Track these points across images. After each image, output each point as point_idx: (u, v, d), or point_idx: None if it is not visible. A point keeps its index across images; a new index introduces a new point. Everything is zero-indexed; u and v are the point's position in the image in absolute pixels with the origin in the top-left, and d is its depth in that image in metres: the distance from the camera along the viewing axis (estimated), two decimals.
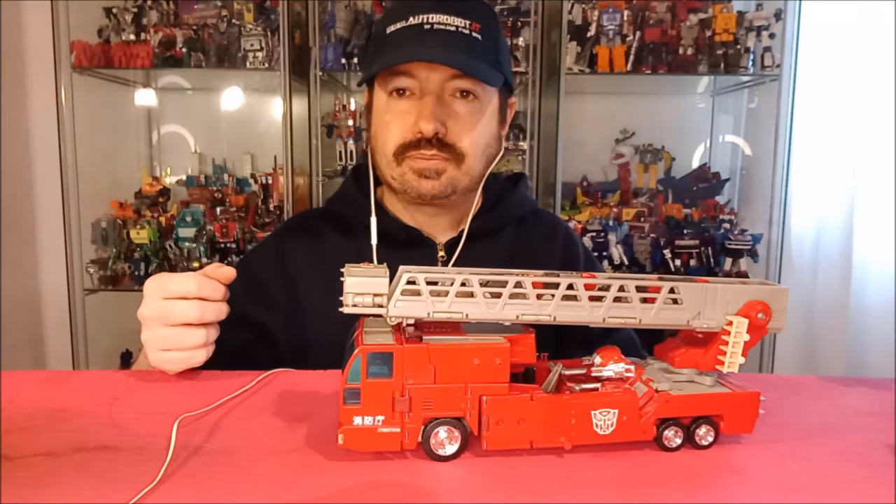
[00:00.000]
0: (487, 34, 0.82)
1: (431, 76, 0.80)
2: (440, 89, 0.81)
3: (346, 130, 2.07)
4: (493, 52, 0.83)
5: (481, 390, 0.48)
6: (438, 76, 0.80)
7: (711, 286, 0.52)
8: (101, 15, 1.98)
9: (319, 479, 0.46)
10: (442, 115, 0.80)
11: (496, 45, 0.84)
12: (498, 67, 0.83)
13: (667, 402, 0.50)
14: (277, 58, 1.93)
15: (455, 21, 0.80)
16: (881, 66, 1.86)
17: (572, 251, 0.97)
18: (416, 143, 0.81)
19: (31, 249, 2.15)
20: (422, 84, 0.81)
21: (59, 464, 0.48)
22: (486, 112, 0.84)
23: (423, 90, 0.81)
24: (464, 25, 0.80)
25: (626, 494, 0.45)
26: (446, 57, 0.78)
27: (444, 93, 0.81)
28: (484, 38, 0.81)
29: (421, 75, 0.80)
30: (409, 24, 0.80)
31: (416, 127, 0.80)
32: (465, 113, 0.82)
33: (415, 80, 0.81)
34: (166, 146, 2.33)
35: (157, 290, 0.65)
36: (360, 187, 0.91)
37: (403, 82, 0.81)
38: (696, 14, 1.93)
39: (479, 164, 0.85)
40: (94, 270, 2.02)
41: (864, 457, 0.51)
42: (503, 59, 0.85)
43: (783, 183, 1.93)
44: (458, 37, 0.80)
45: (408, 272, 0.49)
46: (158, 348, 0.65)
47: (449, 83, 0.81)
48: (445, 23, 0.80)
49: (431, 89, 0.81)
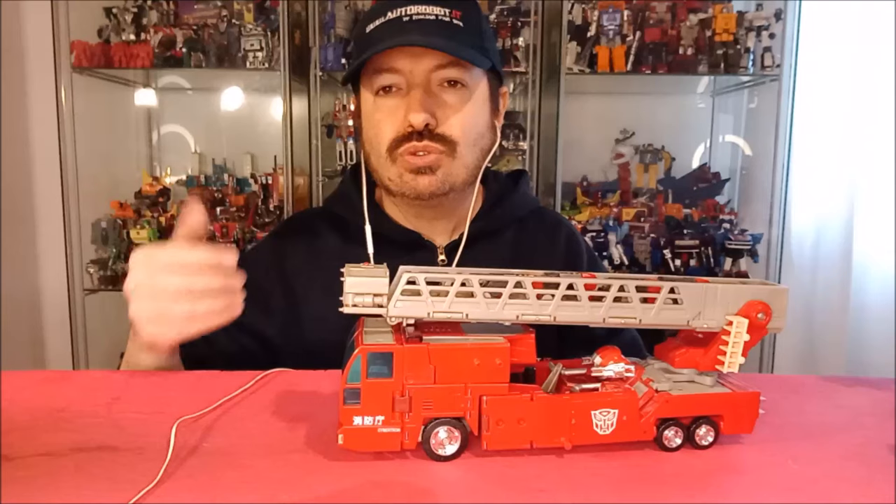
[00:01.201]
0: (469, 21, 0.80)
1: (416, 68, 0.79)
2: (426, 81, 0.79)
3: (346, 130, 2.07)
4: (476, 39, 0.81)
5: (481, 390, 0.48)
6: (423, 67, 0.79)
7: (711, 286, 0.52)
8: (101, 15, 1.98)
9: (319, 479, 0.46)
10: (431, 105, 0.79)
11: (479, 31, 0.82)
12: (483, 53, 0.81)
13: (667, 402, 0.50)
14: (277, 58, 1.93)
15: (434, 10, 0.79)
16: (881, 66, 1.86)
17: (575, 251, 0.96)
18: (408, 136, 0.79)
19: (31, 249, 2.15)
20: (407, 78, 0.79)
21: (59, 464, 0.48)
22: (475, 100, 0.82)
23: (409, 84, 0.80)
24: (443, 14, 0.79)
25: (626, 494, 0.45)
26: (428, 41, 0.77)
27: (431, 84, 0.80)
28: (466, 25, 0.80)
29: (405, 68, 0.79)
30: (388, 18, 0.79)
31: (406, 121, 0.79)
32: (454, 101, 0.80)
33: (399, 74, 0.79)
34: (166, 146, 2.33)
35: (142, 260, 0.61)
36: (359, 189, 0.89)
37: (388, 79, 0.80)
38: (696, 14, 1.93)
39: (473, 154, 0.83)
40: (94, 270, 2.02)
41: (864, 457, 0.51)
42: (489, 45, 0.84)
43: (783, 183, 1.93)
44: (439, 24, 0.79)
45: (408, 272, 0.49)
46: (147, 316, 0.61)
47: (435, 74, 0.79)
48: (425, 13, 0.78)
49: (417, 82, 0.79)
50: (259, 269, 0.89)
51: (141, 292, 0.62)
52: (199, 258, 0.61)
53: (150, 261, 0.61)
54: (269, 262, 0.90)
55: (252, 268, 0.90)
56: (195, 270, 0.61)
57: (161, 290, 0.61)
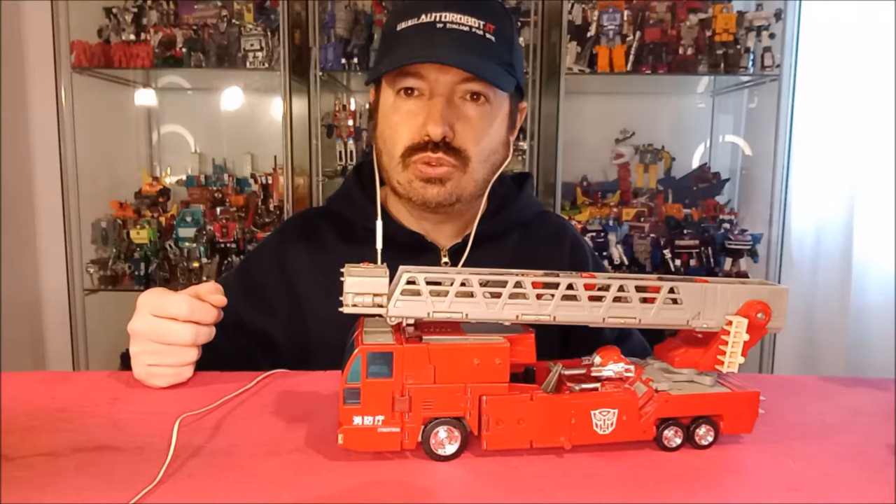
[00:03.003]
0: (501, 36, 0.79)
1: (441, 78, 0.78)
2: (450, 91, 0.78)
3: (346, 130, 2.07)
4: (506, 55, 0.80)
5: (481, 390, 0.48)
6: (449, 78, 0.78)
7: (711, 286, 0.52)
8: (101, 15, 1.98)
9: (319, 479, 0.46)
10: (451, 117, 0.78)
11: (510, 47, 0.81)
12: (511, 71, 0.80)
13: (667, 402, 0.50)
14: (277, 58, 1.93)
15: (469, 21, 0.77)
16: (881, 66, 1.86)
17: (580, 256, 0.95)
18: (423, 145, 0.78)
19: (31, 249, 2.15)
20: (431, 85, 0.78)
21: (59, 464, 0.48)
22: (496, 116, 0.82)
23: (432, 91, 0.79)
24: (477, 26, 0.78)
25: (626, 494, 0.45)
26: (459, 59, 0.76)
27: (455, 95, 0.79)
28: (497, 40, 0.79)
29: (430, 76, 0.78)
30: (421, 21, 0.78)
31: (424, 129, 0.78)
32: (474, 117, 0.80)
33: (424, 80, 0.78)
34: (166, 146, 2.33)
35: (150, 307, 0.65)
36: (363, 189, 0.89)
37: (412, 83, 0.79)
38: (696, 14, 1.93)
39: (484, 169, 0.83)
40: (94, 270, 2.02)
41: (864, 457, 0.51)
42: (516, 63, 0.82)
43: (783, 183, 1.93)
44: (471, 37, 0.77)
45: (407, 272, 0.49)
46: (147, 363, 0.65)
47: (459, 85, 0.78)
48: (459, 22, 0.77)
49: (441, 91, 0.78)
50: (262, 270, 0.89)
51: (143, 336, 0.65)
52: (202, 312, 0.66)
53: (156, 307, 0.65)
54: (271, 263, 0.90)
55: (255, 269, 0.91)
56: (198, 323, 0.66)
57: (165, 337, 0.65)
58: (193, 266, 2.01)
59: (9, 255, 1.99)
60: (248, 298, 0.86)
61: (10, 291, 1.98)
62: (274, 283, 0.88)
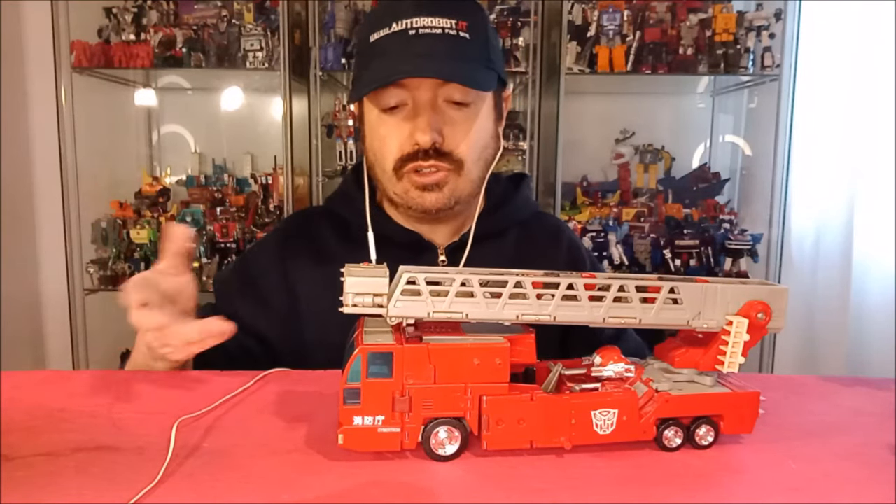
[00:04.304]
0: (475, 31, 0.79)
1: (423, 85, 0.78)
2: (433, 97, 0.78)
3: (346, 130, 2.07)
4: (484, 51, 0.80)
5: (481, 390, 0.48)
6: (430, 83, 0.78)
7: (711, 286, 0.52)
8: (101, 15, 1.98)
9: (319, 479, 0.46)
10: (438, 123, 0.78)
11: (486, 42, 0.81)
12: (490, 66, 0.80)
13: (667, 402, 0.50)
14: (277, 58, 1.93)
15: (440, 22, 0.76)
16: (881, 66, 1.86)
17: (576, 256, 0.96)
18: (414, 154, 0.79)
19: (31, 249, 2.15)
20: (413, 94, 0.78)
21: (59, 464, 0.48)
22: (481, 114, 0.82)
23: (415, 100, 0.78)
24: (450, 26, 0.77)
25: (626, 494, 0.45)
26: (437, 69, 0.76)
27: (438, 99, 0.79)
28: (472, 37, 0.78)
29: (411, 86, 0.78)
30: (393, 30, 0.77)
31: (413, 139, 0.78)
32: (460, 119, 0.80)
33: (405, 90, 0.78)
34: (166, 146, 2.33)
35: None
36: (361, 189, 0.89)
37: (394, 96, 0.78)
38: (696, 14, 1.93)
39: (478, 167, 0.83)
40: (94, 270, 2.02)
41: (864, 457, 0.51)
42: (494, 57, 0.82)
43: (783, 183, 1.93)
44: (446, 40, 0.77)
45: (408, 272, 0.49)
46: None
47: (441, 90, 0.78)
48: (431, 26, 0.76)
49: (424, 99, 0.78)
50: (260, 268, 0.89)
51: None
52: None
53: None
54: (271, 262, 0.90)
55: (253, 266, 0.91)
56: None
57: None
58: (193, 266, 2.01)
59: (9, 254, 1.99)
60: (247, 296, 0.86)
61: (10, 291, 1.98)
62: (273, 282, 0.88)
